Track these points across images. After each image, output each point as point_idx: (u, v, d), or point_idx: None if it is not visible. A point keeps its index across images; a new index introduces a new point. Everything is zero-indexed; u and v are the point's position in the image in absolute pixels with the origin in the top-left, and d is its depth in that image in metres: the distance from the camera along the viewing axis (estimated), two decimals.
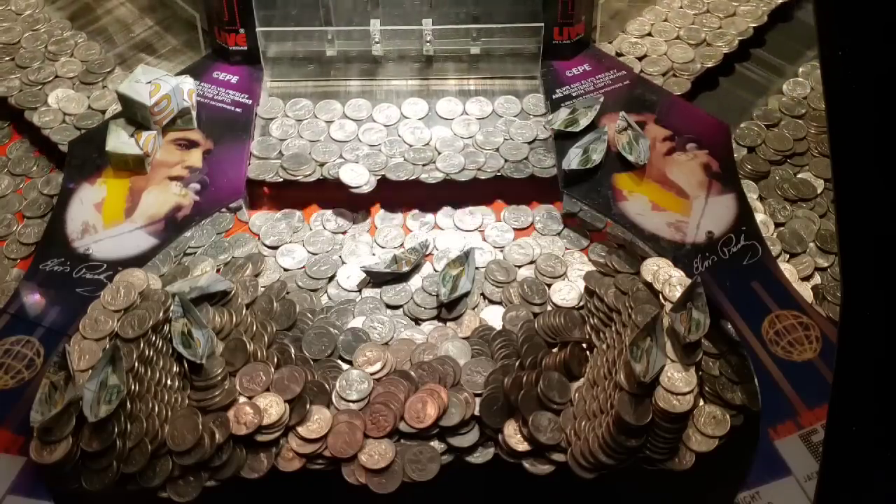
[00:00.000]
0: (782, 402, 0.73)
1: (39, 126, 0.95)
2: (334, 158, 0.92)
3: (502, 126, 0.95)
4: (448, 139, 0.94)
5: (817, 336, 0.76)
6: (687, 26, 1.06)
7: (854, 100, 0.54)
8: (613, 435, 0.70)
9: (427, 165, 0.91)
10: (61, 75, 1.01)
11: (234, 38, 0.98)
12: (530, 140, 0.94)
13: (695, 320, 0.73)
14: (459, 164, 0.91)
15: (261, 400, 0.73)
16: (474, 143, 0.94)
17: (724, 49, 1.03)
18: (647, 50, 1.04)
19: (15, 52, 1.03)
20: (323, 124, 0.95)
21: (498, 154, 0.93)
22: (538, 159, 0.92)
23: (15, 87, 0.99)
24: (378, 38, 0.98)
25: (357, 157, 0.92)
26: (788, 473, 0.70)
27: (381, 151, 0.92)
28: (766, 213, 0.89)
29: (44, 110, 0.97)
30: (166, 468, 0.71)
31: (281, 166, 0.91)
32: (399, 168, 0.91)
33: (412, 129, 0.95)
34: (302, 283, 0.85)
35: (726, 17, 1.07)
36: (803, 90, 1.01)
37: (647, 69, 1.01)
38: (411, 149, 0.93)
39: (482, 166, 0.91)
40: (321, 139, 0.94)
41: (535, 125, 0.95)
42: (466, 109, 0.97)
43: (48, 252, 0.82)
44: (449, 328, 0.82)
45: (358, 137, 0.94)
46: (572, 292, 0.83)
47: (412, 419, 0.73)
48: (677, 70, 1.01)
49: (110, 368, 0.70)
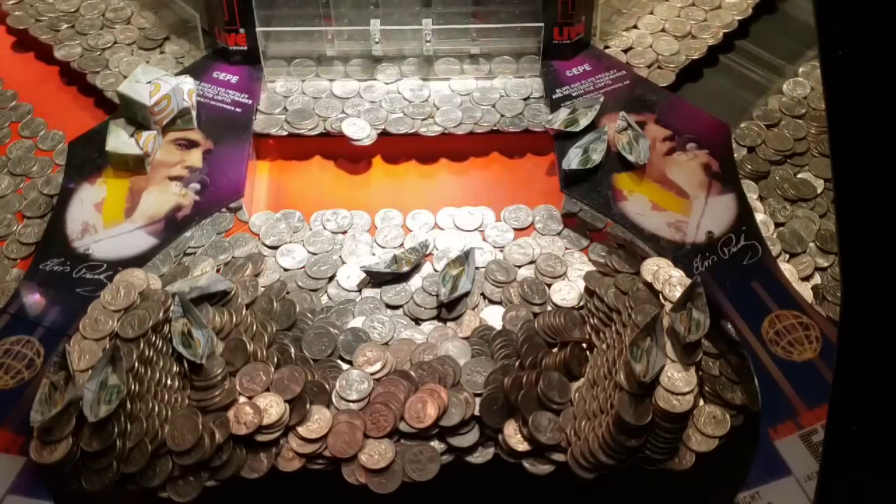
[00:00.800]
0: (782, 402, 0.73)
1: (102, 88, 1.00)
2: (336, 113, 0.96)
3: (499, 83, 1.00)
4: (446, 95, 0.98)
5: (817, 336, 0.76)
6: (672, 18, 1.07)
7: (854, 100, 0.54)
8: (613, 435, 0.70)
9: (426, 120, 0.96)
10: (120, 41, 1.05)
11: (234, 38, 0.98)
12: (525, 96, 0.98)
13: (695, 320, 0.73)
14: (457, 119, 0.95)
15: (261, 400, 0.73)
16: (471, 99, 0.98)
17: (709, 41, 1.04)
18: (633, 42, 1.05)
19: (75, 20, 1.08)
20: (325, 83, 1.00)
21: (494, 109, 0.97)
22: (533, 114, 0.96)
23: (77, 52, 1.04)
24: (378, 38, 0.98)
25: (358, 112, 0.96)
26: (788, 473, 0.70)
27: (382, 107, 0.97)
28: (766, 213, 0.89)
29: (106, 73, 1.01)
30: (166, 468, 0.71)
31: (285, 120, 0.95)
32: (399, 122, 0.95)
33: (411, 87, 0.99)
34: (302, 283, 0.85)
35: (711, 10, 1.08)
36: (803, 90, 1.01)
37: (632, 61, 1.02)
38: (410, 104, 0.97)
39: (479, 121, 0.95)
40: (323, 96, 0.98)
41: (530, 82, 0.99)
42: (464, 69, 1.01)
43: (48, 252, 0.82)
44: (449, 328, 0.82)
45: (359, 94, 0.98)
46: (572, 292, 0.83)
47: (412, 419, 0.73)
48: (662, 62, 1.02)
49: (110, 368, 0.70)
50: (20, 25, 1.07)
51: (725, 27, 1.06)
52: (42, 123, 0.99)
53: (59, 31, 1.06)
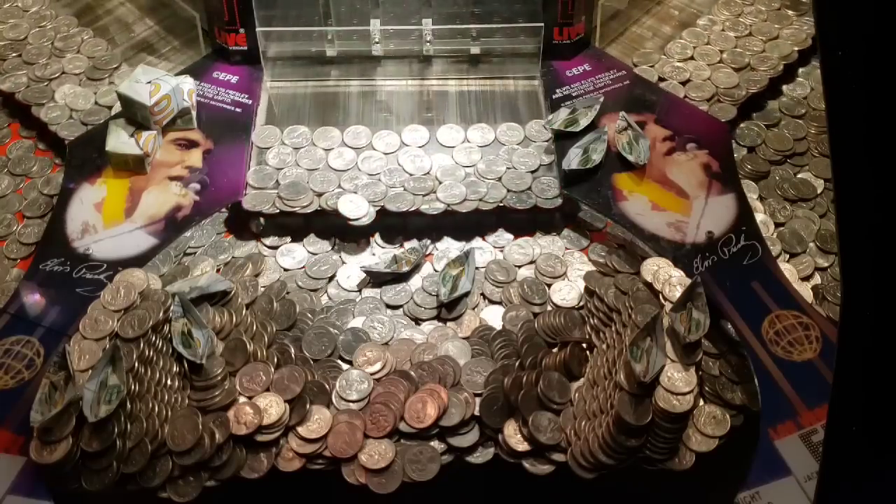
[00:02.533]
0: (782, 402, 0.73)
1: (47, 122, 0.95)
2: (333, 188, 0.89)
3: (504, 154, 0.93)
4: (449, 168, 0.91)
5: (817, 336, 0.76)
6: (730, 49, 1.03)
7: (854, 100, 0.54)
8: (613, 435, 0.70)
9: (427, 195, 0.89)
10: (68, 71, 1.01)
11: (234, 38, 0.98)
12: (533, 169, 0.91)
13: (695, 320, 0.73)
14: (461, 195, 0.88)
15: (261, 400, 0.73)
16: (476, 173, 0.91)
17: (768, 74, 1.00)
18: (691, 74, 1.00)
19: (22, 48, 1.03)
20: (321, 152, 0.92)
21: (500, 184, 0.90)
22: (541, 189, 0.89)
23: (22, 83, 0.99)
24: (378, 38, 0.98)
25: (356, 186, 0.89)
26: (788, 473, 0.70)
27: (381, 181, 0.90)
28: (766, 213, 0.89)
29: (51, 106, 0.97)
30: (166, 468, 0.71)
31: (278, 195, 0.88)
32: (399, 198, 0.88)
33: (412, 157, 0.92)
34: (302, 283, 0.85)
35: (769, 41, 1.04)
36: (803, 90, 1.01)
37: (690, 94, 0.98)
38: (411, 178, 0.90)
39: (484, 197, 0.89)
40: (319, 168, 0.91)
41: (537, 152, 0.92)
42: (468, 137, 0.94)
43: (48, 252, 0.82)
44: (449, 328, 0.82)
45: (357, 166, 0.91)
46: (572, 292, 0.83)
47: (412, 419, 0.73)
48: (721, 95, 0.98)
49: (110, 368, 0.70)
50: None
51: (784, 59, 1.02)
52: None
53: (6, 60, 1.01)
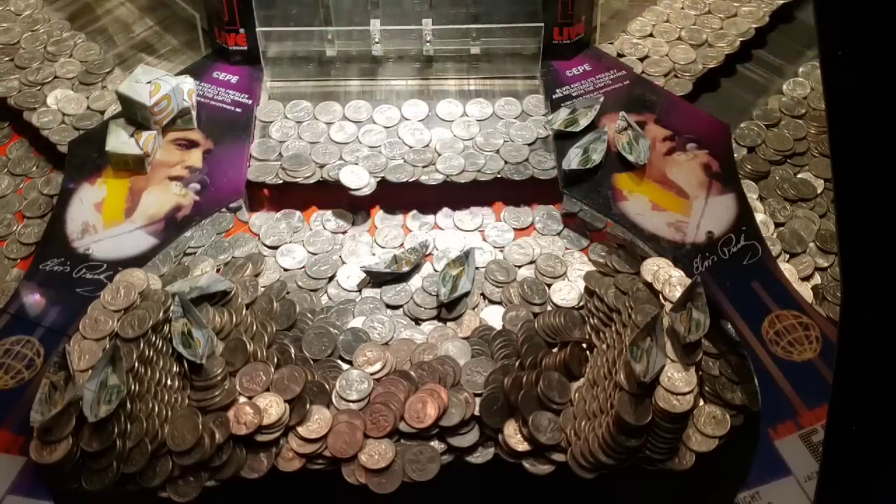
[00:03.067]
0: (782, 402, 0.73)
1: (38, 126, 0.95)
2: (334, 160, 0.91)
3: (502, 128, 0.95)
4: (448, 141, 0.94)
5: (817, 336, 0.76)
6: (688, 27, 1.06)
7: (854, 100, 0.54)
8: (613, 435, 0.70)
9: (427, 167, 0.91)
10: (60, 76, 1.00)
11: (234, 38, 0.98)
12: (530, 142, 0.93)
13: (695, 320, 0.73)
14: (459, 166, 0.91)
15: (261, 400, 0.73)
16: (474, 145, 0.93)
17: (725, 50, 1.03)
18: (649, 51, 1.03)
19: (14, 52, 1.02)
20: (323, 126, 0.95)
21: (498, 156, 0.92)
22: (538, 161, 0.91)
23: (14, 87, 0.99)
24: (378, 38, 0.98)
25: (357, 158, 0.91)
26: (788, 473, 0.70)
27: (381, 153, 0.92)
28: (766, 213, 0.89)
29: (43, 111, 0.97)
30: (166, 468, 0.71)
31: (281, 167, 0.91)
32: (399, 170, 0.91)
33: (412, 130, 0.94)
34: (302, 283, 0.85)
35: (728, 18, 1.07)
36: (803, 90, 1.01)
37: (648, 70, 1.01)
38: (411, 150, 0.92)
39: (482, 168, 0.91)
40: (321, 141, 0.93)
41: (534, 126, 0.95)
42: (467, 111, 0.97)
43: (48, 252, 0.82)
44: (449, 328, 0.82)
45: (358, 139, 0.94)
46: (572, 292, 0.83)
47: (412, 419, 0.73)
48: (679, 71, 1.01)
49: (110, 368, 0.70)
50: None
51: (742, 35, 1.04)
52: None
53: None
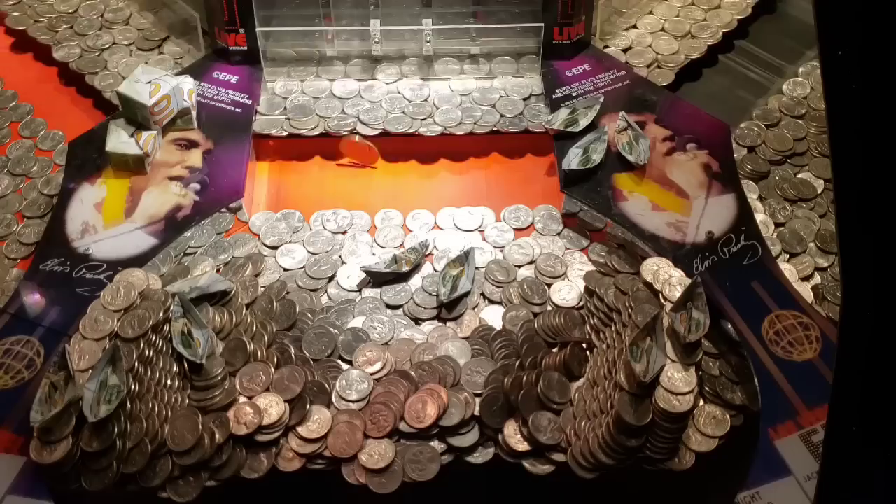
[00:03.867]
0: (782, 402, 0.73)
1: (101, 89, 1.00)
2: (337, 113, 0.96)
3: (499, 84, 0.99)
4: (446, 95, 0.98)
5: (817, 336, 0.76)
6: (671, 18, 1.07)
7: (854, 100, 0.54)
8: (613, 435, 0.70)
9: (426, 119, 0.96)
10: (118, 42, 1.06)
11: (234, 38, 0.98)
12: (525, 97, 0.98)
13: (695, 320, 0.73)
14: (457, 118, 0.95)
15: (261, 400, 0.73)
16: (471, 99, 0.98)
17: (708, 41, 1.04)
18: (633, 42, 1.05)
19: (73, 20, 1.08)
20: (325, 83, 1.00)
21: (494, 109, 0.97)
22: (532, 114, 0.96)
23: (76, 53, 1.04)
24: (378, 38, 0.98)
25: (358, 111, 0.96)
26: (788, 473, 0.70)
27: (382, 107, 0.97)
28: (766, 213, 0.89)
29: (104, 74, 1.01)
30: (166, 468, 0.71)
31: (286, 119, 0.96)
32: (398, 121, 0.95)
33: (411, 87, 0.99)
34: (302, 282, 0.85)
35: (711, 10, 1.08)
36: (803, 90, 1.01)
37: (631, 61, 1.02)
38: (410, 104, 0.97)
39: (478, 120, 0.95)
40: (323, 96, 0.98)
41: (530, 82, 0.99)
42: (464, 70, 1.01)
43: (48, 252, 0.82)
44: (449, 328, 0.82)
45: (360, 94, 0.98)
46: (572, 292, 0.83)
47: (412, 419, 0.73)
48: (662, 62, 1.02)
49: (110, 368, 0.70)
50: (19, 26, 1.08)
51: (725, 27, 1.06)
52: (42, 123, 0.99)
53: (58, 31, 1.06)
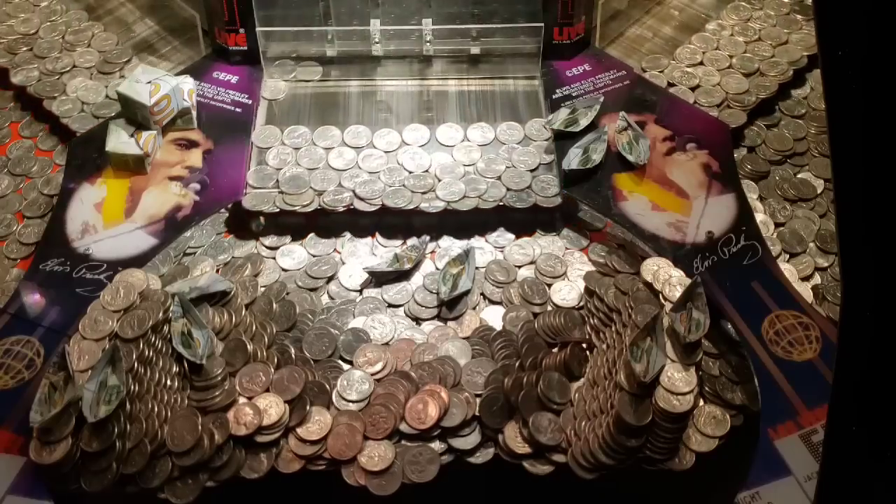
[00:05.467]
0: (782, 402, 0.73)
1: (59, 115, 0.96)
2: (333, 186, 0.89)
3: (504, 153, 0.92)
4: (448, 166, 0.91)
5: (817, 336, 0.76)
6: (739, 54, 1.02)
7: (854, 100, 0.54)
8: (614, 435, 0.70)
9: (427, 193, 0.89)
10: (79, 65, 1.02)
11: (234, 38, 0.98)
12: (533, 168, 0.91)
13: (695, 320, 0.73)
14: (460, 192, 0.88)
15: (261, 401, 0.73)
16: (476, 171, 0.91)
17: (777, 79, 0.99)
18: (700, 80, 0.99)
19: (33, 42, 1.04)
20: (321, 152, 0.92)
21: (500, 182, 0.90)
22: (541, 188, 0.89)
23: (34, 76, 1.00)
24: (378, 38, 0.98)
25: (355, 184, 0.89)
26: (788, 473, 0.70)
27: (380, 179, 0.90)
28: (766, 213, 0.89)
29: (63, 99, 0.98)
30: (166, 469, 0.71)
31: (279, 192, 0.88)
32: (398, 195, 0.88)
33: (412, 155, 0.92)
34: (301, 282, 0.85)
35: (778, 46, 1.03)
36: (803, 90, 1.01)
37: (700, 100, 0.97)
38: (411, 175, 0.90)
39: (483, 195, 0.88)
40: (319, 167, 0.91)
41: (537, 151, 0.92)
42: (468, 136, 0.94)
43: (48, 252, 0.82)
44: (449, 328, 0.82)
45: (357, 164, 0.91)
46: (572, 292, 0.83)
47: (413, 420, 0.73)
48: (731, 101, 0.97)
49: (110, 369, 0.70)
50: None
51: (794, 64, 1.01)
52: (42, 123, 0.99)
53: (17, 54, 1.02)
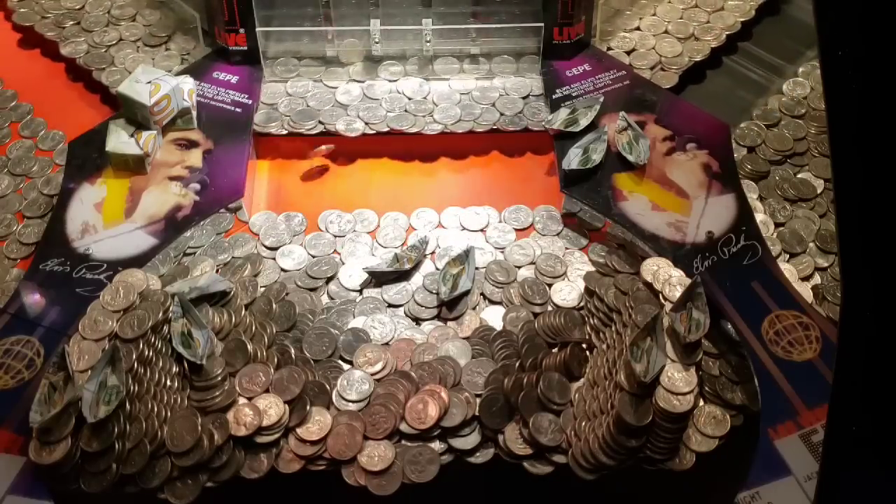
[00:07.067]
0: (782, 402, 0.73)
1: (108, 85, 1.00)
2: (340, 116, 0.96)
3: (498, 82, 0.99)
4: (445, 93, 0.98)
5: (817, 336, 0.76)
6: (675, 20, 1.07)
7: (854, 100, 0.54)
8: (614, 435, 0.70)
9: (425, 117, 0.95)
10: (125, 38, 1.06)
11: (234, 38, 0.98)
12: (525, 95, 0.97)
13: (695, 320, 0.73)
14: (456, 116, 0.95)
15: (260, 401, 0.73)
16: (471, 98, 0.97)
17: (711, 43, 1.04)
18: (636, 44, 1.04)
19: (80, 16, 1.08)
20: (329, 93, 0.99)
21: (494, 108, 0.96)
22: (532, 112, 0.96)
23: (83, 49, 1.04)
24: (378, 38, 0.98)
25: (357, 110, 0.96)
26: (788, 473, 0.70)
27: (382, 106, 0.96)
28: (766, 213, 0.89)
29: (112, 70, 1.02)
30: (165, 469, 0.71)
31: (286, 117, 0.95)
32: (399, 119, 0.95)
33: (411, 85, 0.99)
34: (301, 282, 0.85)
35: (714, 12, 1.08)
36: (803, 90, 1.01)
37: (635, 63, 1.02)
38: (411, 101, 0.97)
39: (478, 118, 0.95)
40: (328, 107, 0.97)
41: (529, 81, 0.99)
42: (464, 68, 1.01)
43: (48, 252, 0.82)
44: (449, 328, 0.82)
45: (364, 93, 0.98)
46: (573, 292, 0.83)
47: (413, 420, 0.73)
48: (665, 64, 1.02)
49: (109, 369, 0.70)
50: (26, 22, 1.08)
51: (728, 29, 1.06)
52: (42, 123, 0.99)
53: (65, 28, 1.07)
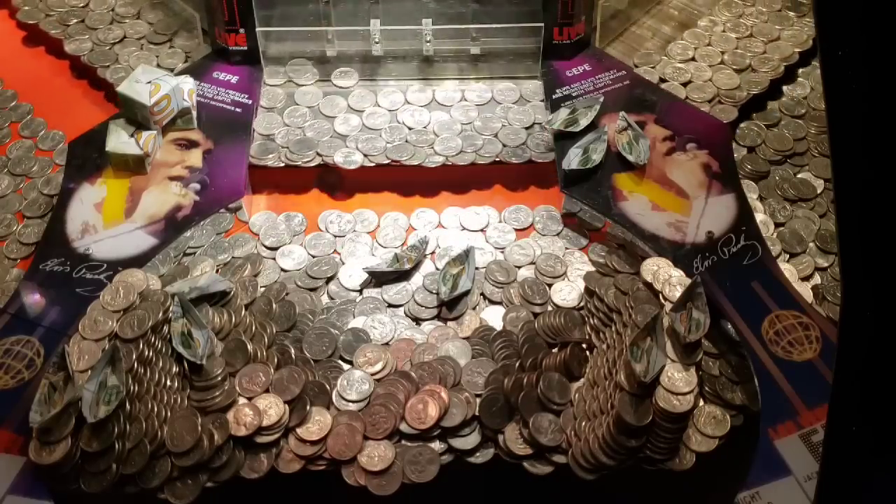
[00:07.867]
0: (782, 402, 0.73)
1: (112, 82, 1.00)
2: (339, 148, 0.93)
3: (501, 112, 0.97)
4: (446, 122, 0.96)
5: (817, 336, 0.76)
6: (731, 50, 1.03)
7: (854, 100, 0.54)
8: (614, 435, 0.70)
9: (425, 148, 0.93)
10: (129, 36, 1.06)
11: (234, 38, 0.98)
12: (528, 125, 0.95)
13: (695, 320, 0.73)
14: (457, 147, 0.93)
15: (260, 401, 0.73)
16: (473, 128, 0.95)
17: (769, 75, 1.00)
18: (692, 76, 1.00)
19: (84, 14, 1.09)
20: (327, 124, 0.96)
21: (496, 139, 0.94)
22: (536, 144, 0.93)
23: (87, 47, 1.05)
24: (378, 38, 0.98)
25: (356, 140, 0.93)
26: (788, 473, 0.70)
27: (381, 136, 0.94)
28: (766, 213, 0.89)
29: (116, 67, 1.02)
30: (165, 469, 0.71)
31: (284, 148, 0.93)
32: (399, 150, 0.92)
33: (412, 112, 0.97)
34: (301, 282, 0.85)
35: (770, 42, 1.04)
36: (803, 90, 1.01)
37: (691, 95, 0.98)
38: (412, 131, 0.95)
39: (480, 150, 0.93)
40: (327, 138, 0.94)
41: (532, 110, 0.97)
42: (465, 97, 0.99)
43: (48, 252, 0.82)
44: (449, 328, 0.82)
45: (363, 123, 0.96)
46: (573, 292, 0.83)
47: (413, 420, 0.73)
48: (722, 96, 0.98)
49: (109, 369, 0.70)
50: (30, 20, 1.08)
51: (785, 60, 1.02)
52: (42, 123, 0.99)
53: (69, 25, 1.07)
